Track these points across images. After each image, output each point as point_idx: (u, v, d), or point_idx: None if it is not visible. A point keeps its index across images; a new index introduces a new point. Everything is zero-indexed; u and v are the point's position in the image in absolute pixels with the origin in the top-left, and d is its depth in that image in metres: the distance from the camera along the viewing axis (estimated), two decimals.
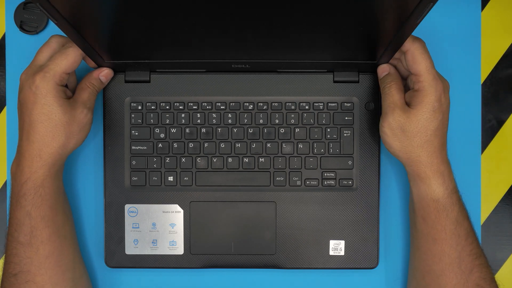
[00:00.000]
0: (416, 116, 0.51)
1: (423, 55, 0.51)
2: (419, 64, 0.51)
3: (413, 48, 0.51)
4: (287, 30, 0.48)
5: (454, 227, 0.52)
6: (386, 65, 0.55)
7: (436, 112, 0.51)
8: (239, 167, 0.59)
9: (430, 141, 0.52)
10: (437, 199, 0.52)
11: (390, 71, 0.55)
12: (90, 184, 0.61)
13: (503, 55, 0.62)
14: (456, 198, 0.53)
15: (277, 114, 0.59)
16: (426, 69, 0.51)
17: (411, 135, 0.52)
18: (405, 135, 0.52)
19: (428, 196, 0.53)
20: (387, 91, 0.53)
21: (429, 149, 0.52)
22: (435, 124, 0.51)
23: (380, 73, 0.56)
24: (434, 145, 0.52)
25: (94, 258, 0.61)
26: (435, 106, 0.51)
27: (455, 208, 0.52)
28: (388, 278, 0.61)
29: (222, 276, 0.61)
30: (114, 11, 0.46)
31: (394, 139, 0.53)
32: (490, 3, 0.62)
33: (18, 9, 0.61)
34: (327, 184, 0.59)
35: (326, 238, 0.59)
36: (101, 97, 0.61)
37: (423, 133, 0.51)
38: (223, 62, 0.57)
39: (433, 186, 0.52)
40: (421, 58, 0.51)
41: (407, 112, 0.52)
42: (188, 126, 0.59)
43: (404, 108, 0.52)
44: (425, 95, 0.51)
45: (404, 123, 0.52)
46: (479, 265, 0.52)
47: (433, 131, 0.52)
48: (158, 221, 0.59)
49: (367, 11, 0.45)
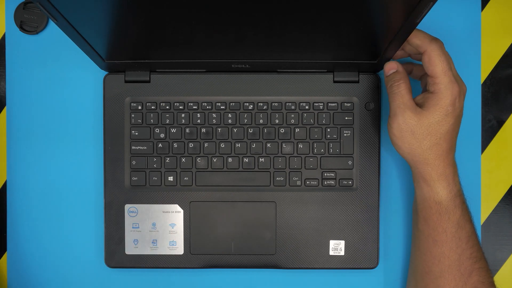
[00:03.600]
0: (427, 119, 0.50)
1: (440, 56, 0.49)
2: (436, 66, 0.50)
3: (430, 49, 0.50)
4: (287, 30, 0.48)
5: (455, 230, 0.52)
6: (393, 62, 0.53)
7: (448, 116, 0.50)
8: (239, 167, 0.59)
9: (439, 144, 0.51)
10: (439, 202, 0.52)
11: (398, 69, 0.53)
12: (90, 184, 0.61)
13: (503, 55, 0.62)
14: (459, 201, 0.52)
15: (277, 114, 0.59)
16: (442, 71, 0.50)
17: (420, 138, 0.51)
18: (415, 137, 0.51)
19: (431, 198, 0.53)
20: (395, 91, 0.52)
21: (437, 152, 0.51)
22: (446, 128, 0.50)
23: (387, 71, 0.54)
24: (443, 148, 0.51)
25: (94, 258, 0.61)
26: (448, 110, 0.50)
27: (457, 212, 0.52)
28: (388, 278, 0.61)
29: (222, 276, 0.61)
30: (114, 11, 0.46)
31: (403, 140, 0.52)
32: (490, 3, 0.62)
33: (18, 9, 0.61)
34: (327, 184, 0.59)
35: (326, 238, 0.59)
36: (101, 97, 0.61)
37: (433, 136, 0.51)
38: (223, 62, 0.57)
39: (437, 188, 0.52)
40: (438, 60, 0.49)
41: (418, 114, 0.51)
42: (188, 126, 0.59)
43: (415, 110, 0.51)
44: (440, 98, 0.50)
45: (415, 125, 0.51)
46: (478, 269, 0.52)
47: (443, 134, 0.51)
48: (158, 221, 0.59)
49: (367, 11, 0.45)
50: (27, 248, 0.62)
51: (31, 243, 0.62)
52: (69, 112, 0.62)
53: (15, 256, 0.62)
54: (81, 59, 0.59)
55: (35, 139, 0.62)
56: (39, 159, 0.61)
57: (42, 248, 0.61)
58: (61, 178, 0.61)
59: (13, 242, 0.62)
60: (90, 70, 0.61)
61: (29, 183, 0.61)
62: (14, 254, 0.62)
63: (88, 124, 0.62)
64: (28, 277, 0.62)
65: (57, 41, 0.61)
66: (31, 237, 0.62)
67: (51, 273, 0.62)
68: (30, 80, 0.62)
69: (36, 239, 0.62)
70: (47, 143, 0.62)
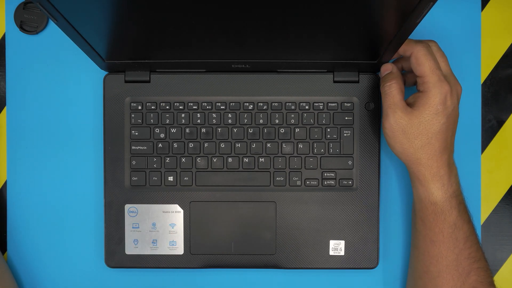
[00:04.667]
0: (417, 118, 0.51)
1: (426, 56, 0.50)
2: (423, 65, 0.50)
3: (416, 50, 0.50)
4: (287, 30, 0.48)
5: (452, 231, 0.52)
6: (389, 64, 0.55)
7: (439, 115, 0.50)
8: (239, 167, 0.59)
9: (431, 143, 0.51)
10: (434, 202, 0.52)
11: (392, 71, 0.54)
12: (90, 184, 0.61)
13: (503, 55, 0.62)
14: (456, 202, 0.52)
15: (277, 114, 0.59)
16: (430, 69, 0.50)
17: (412, 137, 0.51)
18: (406, 137, 0.51)
19: (426, 199, 0.53)
20: (387, 91, 0.52)
21: (429, 151, 0.51)
22: (437, 127, 0.51)
23: (382, 72, 0.55)
24: (435, 148, 0.51)
25: (94, 258, 0.61)
26: (438, 108, 0.50)
27: (453, 212, 0.52)
28: (388, 278, 0.61)
29: (222, 276, 0.61)
30: (114, 11, 0.46)
31: (395, 140, 0.52)
32: (490, 3, 0.62)
33: (18, 9, 0.61)
34: (327, 184, 0.59)
35: (326, 238, 0.59)
36: (101, 97, 0.61)
37: (424, 135, 0.51)
38: (223, 62, 0.57)
39: (431, 189, 0.52)
40: (425, 59, 0.50)
41: (409, 113, 0.51)
42: (188, 126, 0.59)
43: (406, 110, 0.51)
44: (429, 97, 0.50)
45: (406, 125, 0.51)
46: (477, 269, 0.52)
47: (434, 134, 0.51)
48: (158, 221, 0.59)
49: (367, 11, 0.45)
50: (27, 248, 0.62)
51: (31, 243, 0.62)
52: (69, 112, 0.62)
53: (15, 256, 0.62)
54: (81, 59, 0.59)
55: (35, 139, 0.62)
56: (39, 159, 0.61)
57: (42, 248, 0.62)
58: (61, 178, 0.61)
59: (13, 242, 0.62)
60: (90, 70, 0.61)
61: (29, 183, 0.62)
62: (14, 254, 0.62)
63: (88, 124, 0.62)
64: (28, 277, 0.62)
65: (57, 41, 0.61)
66: (31, 237, 0.62)
67: (51, 273, 0.62)
68: (30, 80, 0.62)
69: (36, 239, 0.62)
70: (47, 143, 0.62)
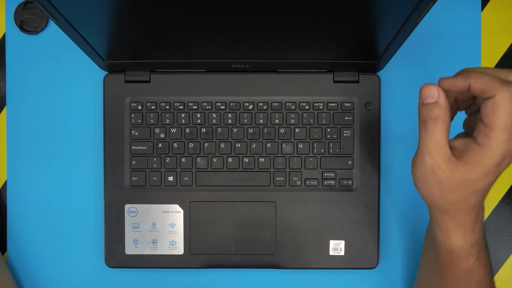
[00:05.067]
0: (462, 175, 0.42)
1: (508, 109, 0.39)
2: (499, 118, 0.40)
3: (500, 96, 0.39)
4: (287, 30, 0.48)
5: (465, 275, 0.47)
6: (435, 87, 0.42)
7: (489, 175, 0.41)
8: (239, 167, 0.59)
9: (466, 199, 0.43)
10: (451, 249, 0.46)
11: (439, 101, 0.42)
12: (90, 184, 0.61)
13: (503, 55, 0.62)
14: (476, 249, 0.46)
15: (277, 114, 0.59)
16: (504, 127, 0.40)
17: (447, 190, 0.42)
18: (440, 188, 0.43)
19: (442, 243, 0.46)
20: (429, 131, 0.42)
21: (461, 206, 0.43)
22: (482, 186, 0.42)
23: (424, 97, 0.42)
24: (470, 204, 0.43)
25: (94, 258, 0.61)
26: (491, 170, 0.41)
27: (470, 260, 0.46)
28: (388, 278, 0.61)
29: (222, 276, 0.61)
30: (114, 11, 0.46)
31: (425, 187, 0.44)
32: (490, 3, 0.62)
33: (18, 9, 0.61)
34: (327, 184, 0.59)
35: (326, 238, 0.59)
36: (101, 97, 0.61)
37: (462, 190, 0.42)
38: (223, 62, 0.57)
39: (451, 237, 0.45)
40: (504, 112, 0.39)
41: (453, 165, 0.42)
42: (188, 126, 0.59)
43: (450, 160, 0.42)
44: (487, 156, 0.41)
45: (444, 177, 0.42)
46: None
47: (475, 191, 0.42)
48: (158, 221, 0.59)
49: (367, 11, 0.45)
50: (27, 248, 0.62)
51: (31, 243, 0.62)
52: (69, 112, 0.62)
53: (15, 256, 0.62)
54: (81, 59, 0.59)
55: (35, 139, 0.62)
56: (39, 159, 0.61)
57: (42, 248, 0.62)
58: (61, 178, 0.61)
59: (13, 242, 0.62)
60: (90, 70, 0.61)
61: (29, 183, 0.62)
62: (14, 254, 0.62)
63: (88, 124, 0.62)
64: (28, 277, 0.62)
65: (57, 41, 0.61)
66: (31, 237, 0.62)
67: (51, 273, 0.62)
68: (30, 80, 0.62)
69: (36, 239, 0.62)
70: (47, 143, 0.62)
